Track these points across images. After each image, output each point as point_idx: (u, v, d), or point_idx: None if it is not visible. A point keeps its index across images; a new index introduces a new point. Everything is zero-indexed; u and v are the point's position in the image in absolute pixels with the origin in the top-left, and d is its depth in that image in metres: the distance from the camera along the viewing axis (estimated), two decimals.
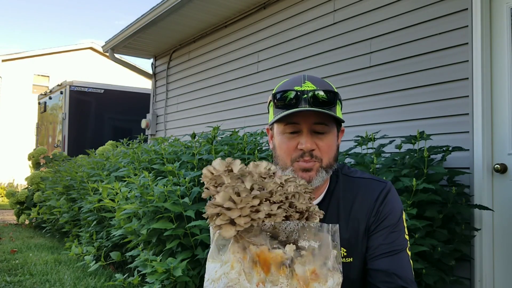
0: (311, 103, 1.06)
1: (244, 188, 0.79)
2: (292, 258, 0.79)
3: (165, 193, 2.43)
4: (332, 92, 1.09)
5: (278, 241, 0.80)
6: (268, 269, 0.78)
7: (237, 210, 0.77)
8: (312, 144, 1.09)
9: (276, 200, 0.83)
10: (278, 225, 0.81)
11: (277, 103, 1.10)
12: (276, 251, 0.79)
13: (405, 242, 1.13)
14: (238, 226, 0.78)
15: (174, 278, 2.26)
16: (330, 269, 0.81)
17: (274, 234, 0.80)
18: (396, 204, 1.16)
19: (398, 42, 2.99)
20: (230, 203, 0.78)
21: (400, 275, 1.07)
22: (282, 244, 0.80)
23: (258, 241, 0.79)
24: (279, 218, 0.81)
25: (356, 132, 3.03)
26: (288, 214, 0.83)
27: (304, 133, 1.09)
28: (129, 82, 12.69)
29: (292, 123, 1.09)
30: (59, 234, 5.38)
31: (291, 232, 0.81)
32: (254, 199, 0.79)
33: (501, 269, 2.40)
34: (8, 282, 3.32)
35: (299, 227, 0.82)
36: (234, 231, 0.78)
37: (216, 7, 4.60)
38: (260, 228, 0.80)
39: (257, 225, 0.79)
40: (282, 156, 1.12)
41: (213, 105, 5.07)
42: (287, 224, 0.81)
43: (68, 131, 7.75)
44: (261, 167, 0.88)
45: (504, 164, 2.41)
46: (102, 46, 6.55)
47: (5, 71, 15.40)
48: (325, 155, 1.11)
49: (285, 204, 0.84)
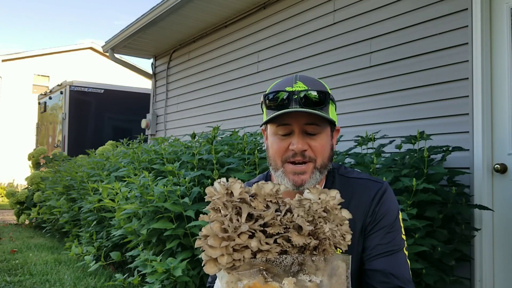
0: (302, 103, 1.05)
1: (232, 223, 0.75)
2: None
3: (165, 193, 2.43)
4: (323, 92, 1.08)
5: (275, 273, 0.75)
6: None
7: (219, 249, 0.74)
8: (303, 144, 1.08)
9: (273, 232, 0.77)
10: (271, 260, 0.75)
11: (268, 104, 1.09)
12: (271, 284, 0.74)
13: (402, 242, 1.12)
14: (220, 265, 0.74)
15: (174, 278, 2.26)
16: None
17: (269, 268, 0.75)
18: (392, 204, 1.15)
19: (398, 42, 2.99)
20: (214, 239, 0.74)
21: (397, 275, 1.06)
22: (281, 277, 0.75)
23: (248, 275, 0.74)
24: (272, 253, 0.76)
25: (356, 132, 3.03)
26: (283, 248, 0.77)
27: (296, 134, 1.08)
28: (129, 82, 12.69)
29: (284, 124, 1.09)
30: (59, 234, 5.38)
31: (289, 265, 0.75)
32: (242, 235, 0.74)
33: (501, 269, 2.40)
34: (8, 282, 3.32)
35: (299, 260, 0.76)
36: (217, 269, 0.75)
37: (216, 7, 4.60)
38: (249, 263, 0.75)
39: (244, 262, 0.74)
40: (274, 157, 1.12)
41: (213, 105, 5.07)
42: (283, 258, 0.76)
43: (68, 131, 7.75)
44: (267, 188, 0.81)
45: (504, 164, 2.41)
46: (102, 46, 6.55)
47: (5, 71, 15.39)
48: (319, 155, 1.10)
49: (282, 237, 0.77)
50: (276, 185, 0.83)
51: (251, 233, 0.76)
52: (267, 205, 0.80)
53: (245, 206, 0.78)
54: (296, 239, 0.77)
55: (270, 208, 0.79)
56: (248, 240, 0.75)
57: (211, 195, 0.80)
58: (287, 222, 0.78)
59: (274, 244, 0.76)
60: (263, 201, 0.81)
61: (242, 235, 0.75)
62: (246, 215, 0.77)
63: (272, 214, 0.78)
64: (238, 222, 0.76)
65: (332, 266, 0.78)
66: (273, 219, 0.78)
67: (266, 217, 0.77)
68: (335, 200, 0.83)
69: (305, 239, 0.77)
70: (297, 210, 0.80)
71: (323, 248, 0.79)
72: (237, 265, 0.74)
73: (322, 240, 0.79)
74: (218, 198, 0.79)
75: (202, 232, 0.76)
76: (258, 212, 0.78)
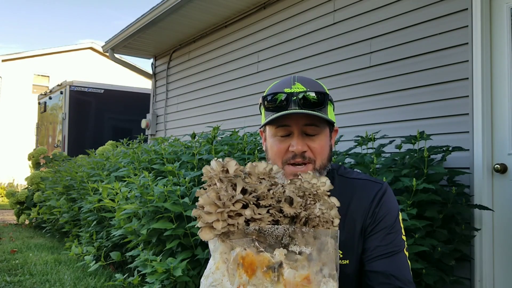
0: (301, 105, 1.05)
1: (227, 193, 0.79)
2: (282, 262, 0.77)
3: (165, 193, 2.43)
4: (322, 93, 1.08)
5: (267, 244, 0.79)
6: (253, 272, 0.77)
7: (215, 215, 0.78)
8: (303, 146, 1.08)
9: (265, 203, 0.81)
10: (264, 229, 0.79)
11: (267, 105, 1.10)
12: (263, 254, 0.77)
13: (402, 243, 1.12)
14: (215, 230, 0.78)
15: (174, 278, 2.26)
16: (326, 276, 0.80)
17: (261, 238, 0.79)
18: (392, 205, 1.15)
19: (398, 42, 2.99)
20: (210, 207, 0.78)
21: (398, 276, 1.06)
22: (272, 248, 0.78)
23: (243, 244, 0.78)
24: (264, 222, 0.80)
25: (356, 132, 3.03)
26: (276, 218, 0.81)
27: (295, 135, 1.08)
28: (129, 82, 12.69)
29: (283, 125, 1.09)
30: (59, 234, 5.38)
31: (280, 236, 0.79)
32: (237, 203, 0.79)
33: (501, 269, 2.40)
34: (8, 282, 3.32)
35: (290, 231, 0.79)
36: (212, 235, 0.79)
37: (216, 7, 4.60)
38: (243, 231, 0.79)
39: (238, 229, 0.78)
40: (274, 158, 1.12)
41: (213, 105, 5.07)
42: (275, 228, 0.79)
43: (68, 131, 7.75)
44: (260, 167, 0.86)
45: (504, 164, 2.41)
46: (102, 46, 6.55)
47: (5, 71, 15.39)
48: (318, 156, 1.10)
49: (274, 208, 0.81)
50: (269, 164, 0.88)
51: (245, 203, 0.81)
52: (260, 182, 0.85)
53: (239, 180, 0.82)
54: (287, 209, 0.81)
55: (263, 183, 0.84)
56: (242, 209, 0.80)
57: (207, 173, 0.85)
58: (279, 195, 0.83)
59: (267, 214, 0.80)
60: (257, 178, 0.85)
61: (236, 203, 0.79)
62: (240, 189, 0.82)
63: (266, 187, 0.83)
64: (233, 192, 0.81)
65: (321, 241, 0.81)
66: (265, 191, 0.82)
67: (259, 190, 0.82)
68: (325, 186, 0.88)
69: (296, 210, 0.82)
70: (288, 186, 0.85)
71: (313, 224, 0.83)
72: (231, 230, 0.78)
73: (313, 217, 0.83)
74: (215, 174, 0.83)
75: (199, 202, 0.80)
76: (252, 186, 0.83)
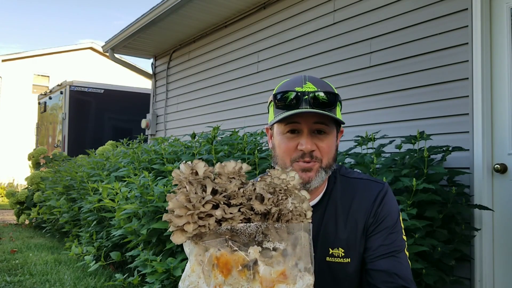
0: (311, 104, 1.07)
1: (196, 195, 0.79)
2: (257, 259, 0.77)
3: (165, 193, 2.43)
4: (332, 93, 1.10)
5: (240, 243, 0.78)
6: (229, 272, 0.77)
7: (185, 218, 0.77)
8: (312, 145, 1.09)
9: (236, 202, 0.81)
10: (236, 228, 0.78)
11: (277, 103, 1.10)
12: (237, 253, 0.77)
13: (403, 242, 1.14)
14: (187, 233, 0.78)
15: (174, 278, 2.26)
16: (301, 270, 0.80)
17: (234, 237, 0.79)
18: (393, 205, 1.17)
19: (398, 42, 2.99)
20: (180, 210, 0.78)
21: (401, 275, 1.08)
22: (246, 246, 0.78)
23: (216, 244, 0.78)
24: (235, 221, 0.79)
25: (356, 132, 3.03)
26: (247, 216, 0.81)
27: (304, 134, 1.09)
28: (129, 82, 12.70)
29: (293, 122, 1.10)
30: (59, 234, 5.38)
31: (253, 233, 0.79)
32: (207, 204, 0.79)
33: (501, 269, 2.40)
34: (8, 282, 3.32)
35: (262, 228, 0.79)
36: (184, 238, 0.79)
37: (216, 7, 4.60)
38: (215, 232, 0.78)
39: (209, 230, 0.78)
40: (282, 156, 1.12)
41: (213, 105, 5.07)
42: (247, 226, 0.79)
43: (68, 131, 7.75)
44: (229, 167, 0.87)
45: (504, 164, 2.41)
46: (102, 46, 6.55)
47: (5, 71, 15.39)
48: (325, 155, 1.11)
49: (245, 206, 0.81)
50: (238, 163, 0.88)
51: (215, 204, 0.80)
52: (230, 181, 0.85)
53: (208, 181, 0.82)
54: (257, 207, 0.81)
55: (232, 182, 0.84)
56: (212, 210, 0.79)
57: (177, 177, 0.84)
58: (249, 193, 0.83)
59: (238, 213, 0.80)
60: (227, 178, 0.85)
61: (206, 204, 0.79)
62: (210, 190, 0.81)
63: (235, 186, 0.83)
64: (203, 194, 0.81)
65: (294, 235, 0.81)
66: (235, 190, 0.82)
67: (229, 189, 0.82)
68: (295, 180, 0.87)
69: (267, 206, 0.81)
70: (258, 184, 0.84)
71: (286, 219, 0.83)
72: (202, 232, 0.78)
73: (285, 212, 0.82)
74: (184, 177, 0.83)
75: (169, 206, 0.80)
76: (222, 186, 0.82)
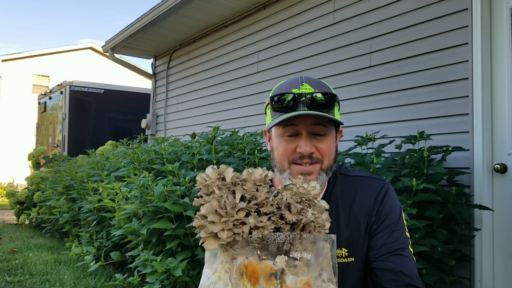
0: (309, 105, 1.05)
1: (229, 201, 0.78)
2: (283, 269, 0.77)
3: (165, 193, 2.43)
4: (330, 94, 1.08)
5: (268, 252, 0.79)
6: (256, 281, 0.77)
7: (220, 224, 0.77)
8: (311, 147, 1.08)
9: (266, 211, 0.81)
10: (266, 237, 0.79)
11: (274, 105, 1.09)
12: (265, 262, 0.77)
13: (407, 239, 1.13)
14: (221, 240, 0.77)
15: (174, 278, 2.26)
16: (325, 280, 0.80)
17: (263, 246, 0.79)
18: (395, 202, 1.16)
19: (398, 42, 2.99)
20: (213, 216, 0.77)
21: (407, 273, 1.07)
22: (273, 255, 0.79)
23: (245, 252, 0.78)
24: (267, 230, 0.80)
25: (356, 132, 3.02)
26: (277, 225, 0.81)
27: (303, 136, 1.08)
28: (129, 82, 12.69)
29: (291, 124, 1.09)
30: (59, 234, 5.38)
31: (281, 243, 0.79)
32: (240, 211, 0.78)
33: (501, 269, 2.40)
34: (8, 282, 3.32)
35: (290, 238, 0.80)
36: (217, 245, 0.78)
37: (216, 7, 4.60)
38: (246, 240, 0.78)
39: (242, 238, 0.78)
40: (280, 159, 1.11)
41: (213, 105, 5.07)
42: (277, 235, 0.79)
43: (68, 131, 7.75)
44: (256, 174, 0.86)
45: (504, 164, 2.41)
46: (102, 46, 6.55)
47: (5, 71, 15.39)
48: (326, 156, 1.10)
49: (275, 215, 0.81)
50: (264, 171, 0.87)
51: (247, 212, 0.80)
52: (257, 189, 0.85)
53: (238, 187, 0.82)
54: (289, 216, 0.81)
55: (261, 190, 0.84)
56: (245, 218, 0.79)
57: (202, 181, 0.84)
58: (278, 202, 0.83)
59: (269, 222, 0.80)
60: (253, 185, 0.85)
61: (240, 211, 0.79)
62: (240, 196, 0.81)
63: (265, 194, 0.82)
64: (234, 200, 0.80)
65: (317, 246, 0.82)
66: (265, 199, 0.82)
67: (259, 198, 0.81)
68: (315, 190, 0.88)
69: (297, 216, 0.82)
70: (285, 192, 0.85)
71: (309, 230, 0.84)
72: (236, 239, 0.78)
73: (309, 222, 0.83)
74: (212, 182, 0.83)
75: (201, 212, 0.79)
76: (251, 193, 0.82)
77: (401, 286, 1.06)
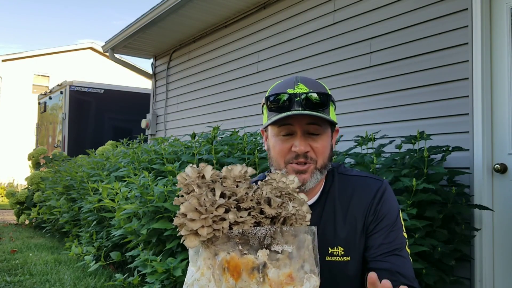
0: (304, 105, 1.07)
1: (208, 198, 0.79)
2: (265, 262, 0.78)
3: (165, 193, 2.43)
4: (325, 94, 1.09)
5: (250, 246, 0.80)
6: (239, 275, 0.78)
7: (199, 221, 0.78)
8: (306, 146, 1.09)
9: (246, 206, 0.82)
10: (247, 232, 0.80)
11: (270, 105, 1.11)
12: (247, 256, 0.79)
13: (404, 240, 1.14)
14: (201, 237, 0.78)
15: (174, 278, 2.26)
16: (307, 272, 0.81)
17: (244, 241, 0.80)
18: (393, 202, 1.17)
19: (398, 42, 2.99)
20: (193, 214, 0.78)
21: (404, 273, 1.07)
22: (255, 249, 0.80)
23: (226, 248, 0.79)
24: (247, 225, 0.81)
25: (356, 132, 3.03)
26: (258, 220, 0.82)
27: (298, 135, 1.10)
28: (129, 82, 12.69)
29: (286, 124, 1.10)
30: (59, 234, 5.38)
31: (262, 237, 0.80)
32: (219, 208, 0.79)
33: (501, 269, 2.40)
34: (8, 282, 3.32)
35: (271, 231, 0.81)
36: (197, 242, 0.79)
37: (216, 7, 4.60)
38: (227, 235, 0.79)
39: (222, 234, 0.79)
40: (276, 158, 1.13)
41: (213, 105, 5.07)
42: (257, 230, 0.80)
43: (68, 131, 7.75)
44: (236, 170, 0.87)
45: (504, 164, 2.41)
46: (102, 46, 6.55)
47: (5, 71, 15.39)
48: (320, 156, 1.11)
49: (255, 210, 0.82)
50: (244, 167, 0.89)
51: (227, 208, 0.81)
52: (237, 185, 0.86)
53: (218, 185, 0.83)
54: (268, 210, 0.83)
55: (241, 186, 0.85)
56: (224, 214, 0.80)
57: (182, 180, 0.85)
58: (257, 197, 0.84)
59: (249, 217, 0.82)
60: (233, 182, 0.86)
61: (219, 208, 0.80)
62: (219, 193, 0.82)
63: (244, 190, 0.84)
64: (214, 197, 0.82)
65: (299, 238, 0.83)
66: (245, 194, 0.83)
67: (238, 193, 0.83)
68: (294, 184, 0.90)
69: (277, 210, 0.83)
70: (265, 187, 0.86)
71: (290, 222, 0.85)
72: (217, 236, 0.79)
73: (289, 216, 0.85)
74: (192, 181, 0.84)
75: (181, 210, 0.80)
76: (231, 190, 0.84)
77: (398, 286, 1.06)
